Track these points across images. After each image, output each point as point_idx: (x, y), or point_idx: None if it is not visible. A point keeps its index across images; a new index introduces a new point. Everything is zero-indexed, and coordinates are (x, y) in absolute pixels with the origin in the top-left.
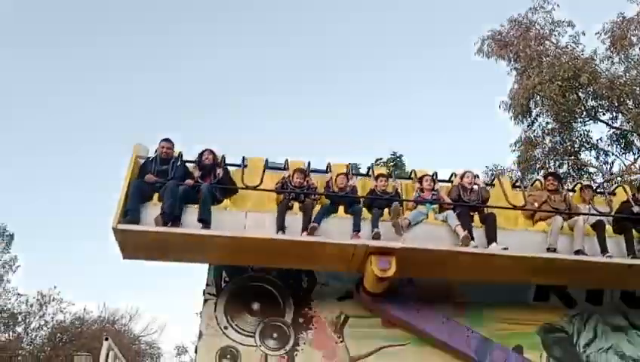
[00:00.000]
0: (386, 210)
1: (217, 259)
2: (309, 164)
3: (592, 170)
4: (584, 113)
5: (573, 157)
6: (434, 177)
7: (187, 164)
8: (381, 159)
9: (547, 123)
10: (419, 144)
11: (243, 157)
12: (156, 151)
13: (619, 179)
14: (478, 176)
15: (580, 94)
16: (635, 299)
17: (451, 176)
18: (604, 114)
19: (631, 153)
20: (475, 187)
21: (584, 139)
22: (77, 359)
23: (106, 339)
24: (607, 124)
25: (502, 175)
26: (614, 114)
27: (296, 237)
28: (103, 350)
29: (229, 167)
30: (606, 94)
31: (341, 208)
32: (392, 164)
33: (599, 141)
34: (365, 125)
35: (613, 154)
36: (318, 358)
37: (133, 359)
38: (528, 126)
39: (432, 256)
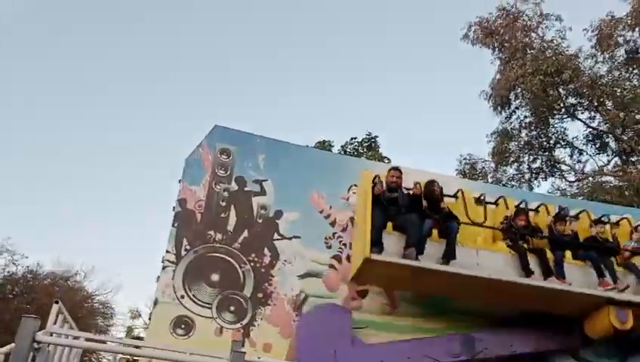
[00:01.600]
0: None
1: (459, 294)
2: (525, 203)
3: (564, 167)
4: (563, 110)
5: (547, 153)
6: None
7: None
8: (355, 138)
9: (525, 116)
10: (396, 126)
11: (460, 190)
12: (375, 179)
13: (590, 179)
14: None
15: (561, 90)
16: None
17: None
18: (582, 112)
19: (605, 154)
20: None
21: (560, 136)
22: (24, 320)
23: (56, 302)
24: (584, 123)
25: None
26: (592, 113)
27: (554, 284)
28: (52, 313)
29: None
30: (586, 93)
31: (568, 253)
32: (366, 144)
33: (575, 139)
34: (341, 103)
35: (587, 153)
36: (274, 334)
37: (85, 317)
38: (506, 118)
39: None
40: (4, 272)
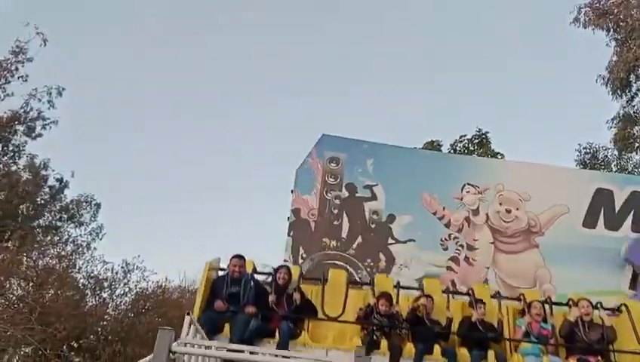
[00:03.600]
0: (490, 352)
1: None
2: (398, 284)
3: None
4: None
5: None
6: (549, 301)
7: (259, 278)
8: (465, 136)
9: None
10: (506, 120)
11: (323, 274)
12: (227, 267)
13: None
14: (599, 306)
15: None
16: None
17: (568, 301)
18: None
19: None
20: (597, 318)
21: None
22: (161, 332)
23: (188, 314)
24: None
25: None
26: None
27: None
28: (184, 324)
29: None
30: None
31: (437, 349)
32: (476, 141)
33: None
34: (445, 101)
35: None
36: None
37: None
38: (627, 101)
39: None
40: (136, 289)
